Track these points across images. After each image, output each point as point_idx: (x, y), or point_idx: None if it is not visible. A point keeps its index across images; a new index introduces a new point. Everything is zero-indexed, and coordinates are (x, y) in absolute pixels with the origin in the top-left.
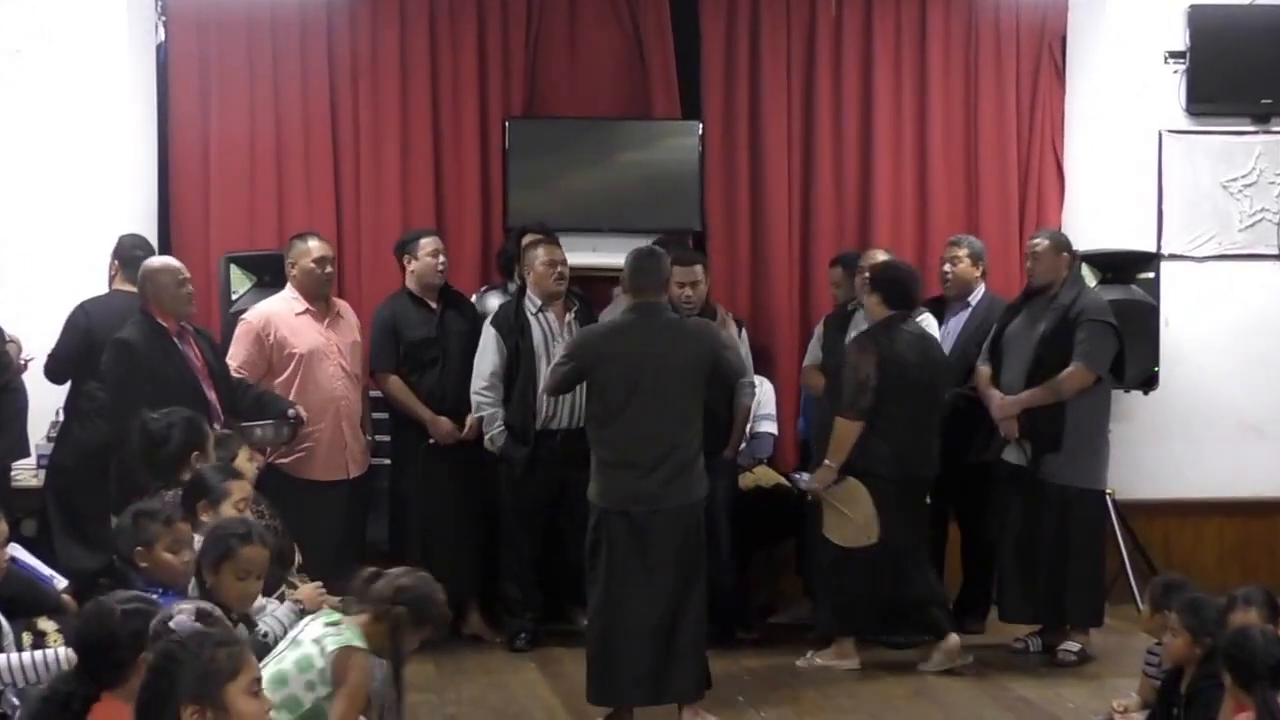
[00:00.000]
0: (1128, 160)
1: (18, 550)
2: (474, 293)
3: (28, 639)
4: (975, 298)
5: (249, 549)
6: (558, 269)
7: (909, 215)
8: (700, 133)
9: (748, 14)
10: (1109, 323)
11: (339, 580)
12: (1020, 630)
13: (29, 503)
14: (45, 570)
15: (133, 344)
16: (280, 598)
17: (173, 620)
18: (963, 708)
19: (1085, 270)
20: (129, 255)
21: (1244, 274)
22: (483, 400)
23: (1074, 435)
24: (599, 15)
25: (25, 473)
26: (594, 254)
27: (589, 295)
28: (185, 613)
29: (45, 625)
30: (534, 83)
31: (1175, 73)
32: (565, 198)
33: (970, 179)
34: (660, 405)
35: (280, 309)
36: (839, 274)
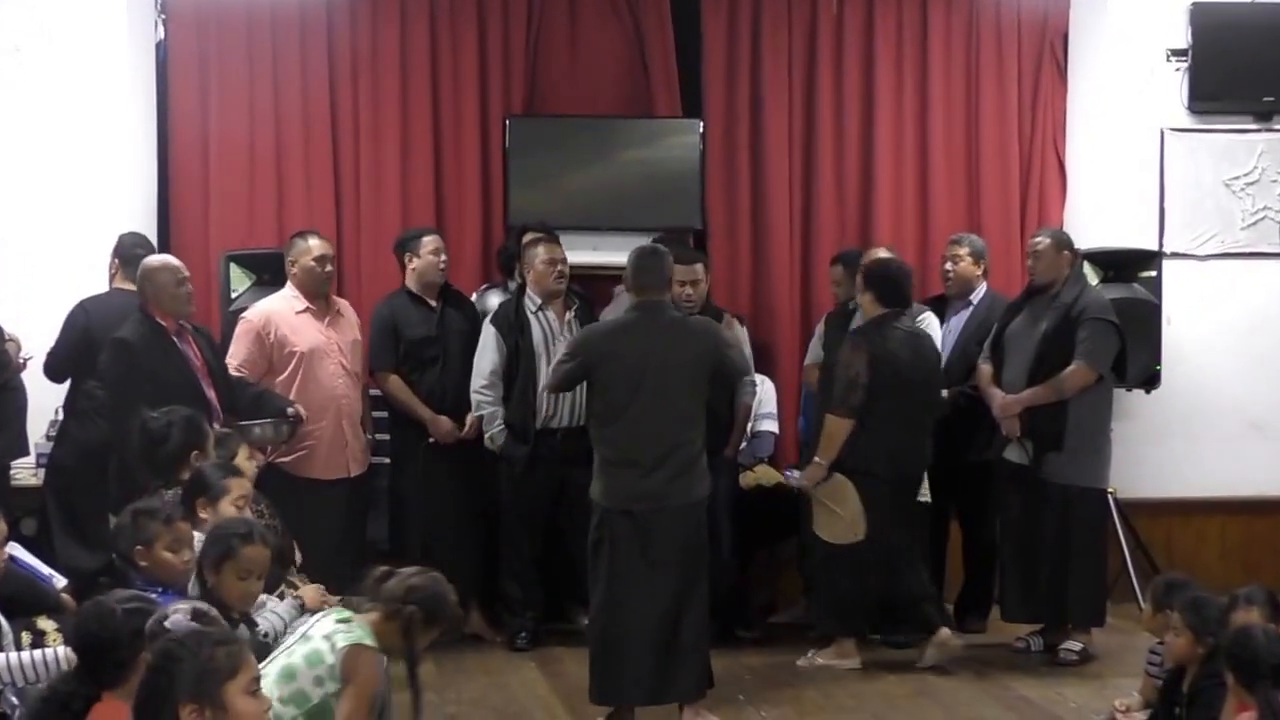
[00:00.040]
0: (1129, 158)
1: (17, 549)
2: (474, 291)
3: (27, 638)
4: (977, 296)
5: (250, 549)
6: (558, 267)
7: (910, 213)
8: (701, 131)
9: (749, 12)
10: (1111, 321)
11: (339, 579)
12: (1022, 629)
13: (28, 501)
14: (44, 569)
15: (131, 343)
16: (280, 597)
17: (168, 620)
18: (964, 707)
19: (1087, 269)
20: (129, 254)
21: (1246, 272)
22: (483, 399)
23: (1076, 434)
24: (600, 13)
25: (24, 471)
26: (594, 252)
27: (589, 294)
28: (181, 612)
29: (44, 624)
30: (535, 81)
31: (1177, 70)
32: (566, 196)
33: (972, 177)
34: (663, 404)
35: (280, 307)
36: (840, 272)
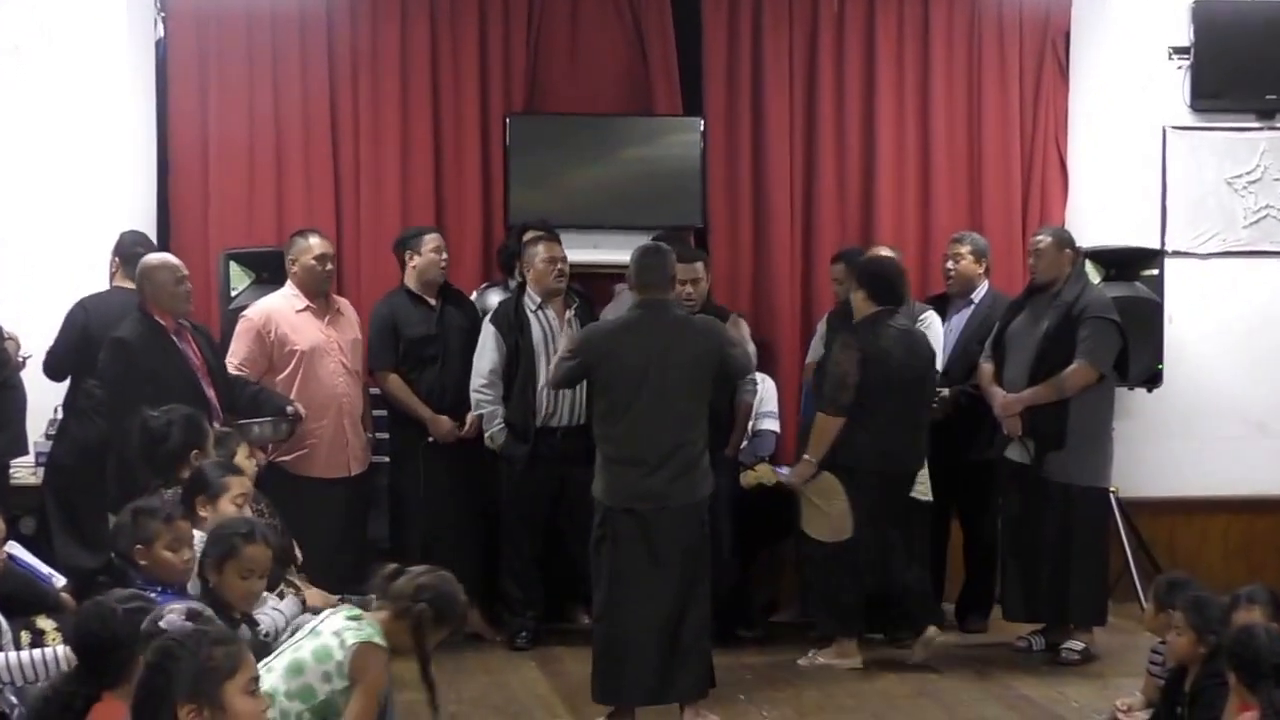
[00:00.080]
0: (1132, 156)
1: (16, 548)
2: (474, 290)
3: (26, 637)
4: (978, 295)
5: (252, 548)
6: (558, 266)
7: (911, 212)
8: (702, 129)
9: (750, 9)
10: (1112, 320)
11: (339, 578)
12: (1023, 629)
13: (27, 500)
14: (44, 568)
15: (130, 342)
16: (280, 596)
17: (163, 620)
18: (965, 707)
19: (1089, 267)
20: (130, 252)
21: (1248, 271)
22: (482, 398)
23: (1077, 433)
24: (600, 11)
25: (24, 470)
26: (595, 251)
27: (589, 292)
28: (175, 613)
29: (44, 624)
30: (535, 79)
31: (1179, 68)
32: (566, 194)
33: (973, 175)
34: (666, 403)
35: (281, 306)
36: (841, 270)
